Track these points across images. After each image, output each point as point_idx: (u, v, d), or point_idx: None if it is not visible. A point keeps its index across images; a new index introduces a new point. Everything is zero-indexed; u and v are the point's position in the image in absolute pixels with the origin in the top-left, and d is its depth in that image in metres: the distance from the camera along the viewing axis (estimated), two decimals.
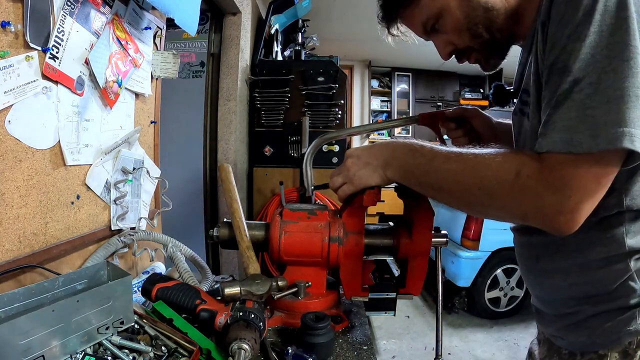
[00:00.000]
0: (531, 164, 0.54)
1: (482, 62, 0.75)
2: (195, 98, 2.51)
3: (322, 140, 0.95)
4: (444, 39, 0.73)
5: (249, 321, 0.68)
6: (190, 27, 1.25)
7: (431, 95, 6.35)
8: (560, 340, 0.72)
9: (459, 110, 0.93)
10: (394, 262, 0.93)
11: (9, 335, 0.53)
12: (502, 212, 0.61)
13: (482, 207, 0.62)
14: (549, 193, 0.53)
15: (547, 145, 0.53)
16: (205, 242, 2.56)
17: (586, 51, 0.50)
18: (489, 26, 0.67)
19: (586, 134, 0.49)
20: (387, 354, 2.70)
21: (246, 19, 2.59)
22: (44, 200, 0.86)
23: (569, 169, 0.51)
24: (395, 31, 0.80)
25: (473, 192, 0.59)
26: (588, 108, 0.49)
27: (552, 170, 0.52)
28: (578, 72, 0.50)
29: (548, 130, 0.53)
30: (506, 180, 0.56)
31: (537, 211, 0.55)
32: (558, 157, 0.52)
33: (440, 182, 0.64)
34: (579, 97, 0.50)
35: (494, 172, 0.57)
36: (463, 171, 0.60)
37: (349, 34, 4.73)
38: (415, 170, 0.67)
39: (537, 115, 0.60)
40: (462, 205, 0.66)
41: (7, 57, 0.72)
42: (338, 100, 2.58)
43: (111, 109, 1.07)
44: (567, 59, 0.51)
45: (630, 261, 0.60)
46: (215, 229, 0.89)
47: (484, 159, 0.59)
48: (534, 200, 0.54)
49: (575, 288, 0.66)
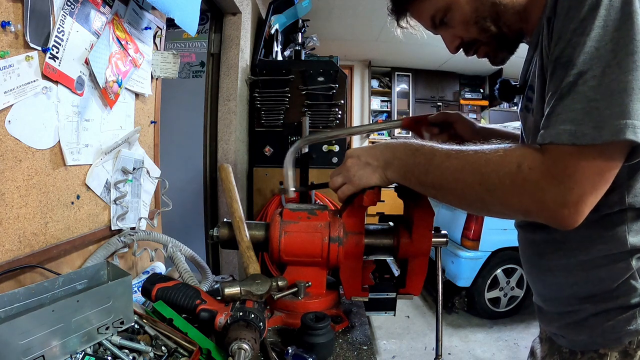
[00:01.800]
0: (533, 156, 0.54)
1: (490, 56, 0.75)
2: (195, 98, 2.51)
3: (304, 141, 0.95)
4: (451, 32, 0.74)
5: (249, 321, 0.68)
6: (190, 27, 1.25)
7: (431, 95, 6.35)
8: (561, 338, 0.72)
9: (441, 115, 0.93)
10: (394, 262, 0.93)
11: (9, 335, 0.53)
12: (503, 208, 0.59)
13: (483, 204, 0.61)
14: (551, 185, 0.52)
15: (549, 136, 0.52)
16: (205, 242, 2.56)
17: (591, 45, 0.50)
18: (497, 20, 0.68)
19: (590, 126, 0.49)
20: (387, 354, 2.70)
21: (246, 19, 2.59)
22: (44, 200, 0.86)
23: (572, 161, 0.51)
24: (404, 24, 0.80)
25: (474, 189, 0.59)
26: (592, 100, 0.49)
27: (555, 162, 0.52)
28: (582, 65, 0.50)
29: (551, 122, 0.53)
30: (507, 173, 0.55)
31: (540, 204, 0.54)
32: (561, 148, 0.52)
33: (440, 180, 0.63)
34: (583, 89, 0.50)
35: (494, 167, 0.57)
36: (463, 168, 0.60)
37: (349, 34, 4.73)
38: (415, 169, 0.67)
39: (540, 110, 0.60)
40: (463, 203, 0.65)
41: (7, 57, 0.72)
42: (338, 100, 2.58)
43: (111, 109, 1.07)
44: (571, 52, 0.51)
45: (632, 260, 0.60)
46: (215, 229, 0.89)
47: (485, 154, 0.58)
48: (536, 193, 0.53)
49: (577, 286, 0.66)
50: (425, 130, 0.94)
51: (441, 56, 5.44)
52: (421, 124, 0.93)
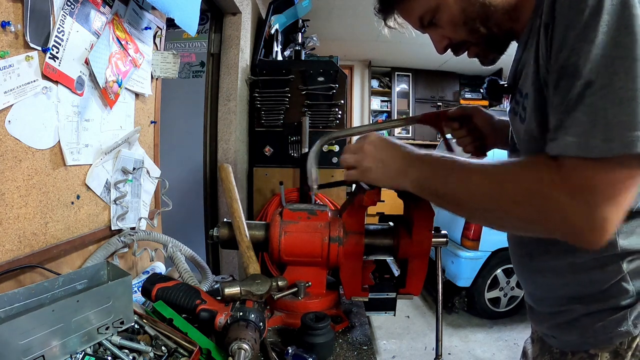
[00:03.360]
0: (551, 171, 0.52)
1: (480, 57, 0.74)
2: (195, 98, 2.51)
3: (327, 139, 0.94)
4: (440, 33, 0.72)
5: (249, 321, 0.68)
6: (190, 27, 1.25)
7: (431, 95, 6.35)
8: (552, 339, 0.72)
9: (460, 110, 0.92)
10: (394, 262, 0.93)
11: (9, 335, 0.53)
12: (522, 223, 0.58)
13: (502, 220, 0.59)
14: (574, 205, 0.50)
15: (559, 148, 0.51)
16: (205, 242, 2.55)
17: (596, 52, 0.48)
18: (486, 21, 0.67)
19: (600, 138, 0.47)
20: (387, 354, 2.70)
21: (246, 19, 2.59)
22: (44, 200, 0.86)
23: (588, 174, 0.49)
24: (392, 23, 0.79)
25: (493, 204, 0.57)
26: (600, 110, 0.48)
27: (571, 178, 0.50)
28: (589, 74, 0.48)
29: (559, 135, 0.51)
30: (527, 189, 0.54)
31: (562, 223, 0.52)
32: (574, 161, 0.50)
33: (459, 194, 0.61)
34: (591, 100, 0.48)
35: (514, 181, 0.55)
36: (482, 182, 0.58)
37: (349, 34, 4.73)
38: (432, 181, 0.65)
39: (534, 119, 0.59)
40: (482, 219, 0.64)
41: (7, 57, 0.72)
42: (338, 100, 2.58)
43: (111, 109, 1.07)
44: (576, 61, 0.50)
45: (622, 263, 0.59)
46: (215, 229, 0.89)
47: (504, 168, 0.57)
48: (557, 211, 0.51)
49: (568, 287, 0.66)
50: (445, 125, 0.93)
51: (441, 56, 5.41)
52: (441, 118, 0.93)
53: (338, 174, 2.56)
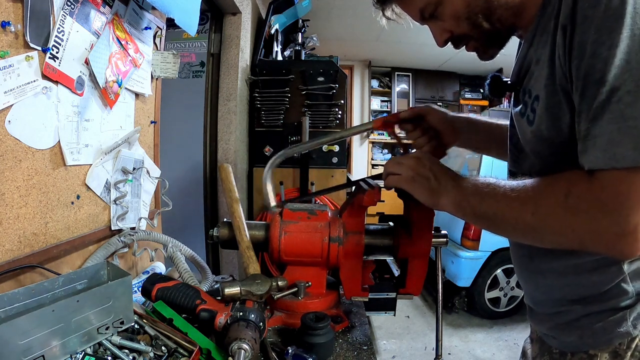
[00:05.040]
0: (580, 183, 0.51)
1: (480, 51, 0.73)
2: (195, 98, 2.51)
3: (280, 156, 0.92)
4: (441, 26, 0.71)
5: (249, 321, 0.68)
6: (190, 27, 1.25)
7: (431, 96, 6.35)
8: (552, 339, 0.72)
9: (412, 111, 0.90)
10: (394, 262, 0.93)
11: (9, 335, 0.53)
12: (557, 237, 0.56)
13: (536, 234, 0.59)
14: (603, 215, 0.49)
15: (588, 162, 0.50)
16: (205, 242, 2.55)
17: (621, 57, 0.47)
18: (489, 16, 0.65)
19: (630, 147, 0.46)
20: (387, 354, 2.70)
21: (246, 19, 2.59)
22: (44, 200, 0.86)
23: (622, 186, 0.48)
24: (389, 14, 0.77)
25: (526, 219, 0.57)
26: (629, 119, 0.46)
27: (604, 189, 0.49)
28: (614, 80, 0.47)
29: (588, 146, 0.50)
30: (557, 202, 0.53)
31: (594, 235, 0.51)
32: (607, 173, 0.49)
33: (494, 210, 0.61)
34: (618, 107, 0.47)
35: (544, 195, 0.55)
36: (517, 197, 0.58)
37: (349, 34, 4.73)
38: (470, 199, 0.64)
39: (545, 121, 0.59)
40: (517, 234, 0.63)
41: (7, 57, 0.72)
42: (338, 100, 2.58)
43: (111, 109, 1.07)
44: (601, 68, 0.48)
45: (623, 264, 0.59)
46: (215, 229, 0.89)
47: (535, 184, 0.57)
48: (589, 223, 0.51)
49: (568, 288, 0.66)
50: (400, 128, 0.92)
51: (441, 56, 5.43)
52: (392, 123, 0.91)
53: (338, 174, 2.57)
